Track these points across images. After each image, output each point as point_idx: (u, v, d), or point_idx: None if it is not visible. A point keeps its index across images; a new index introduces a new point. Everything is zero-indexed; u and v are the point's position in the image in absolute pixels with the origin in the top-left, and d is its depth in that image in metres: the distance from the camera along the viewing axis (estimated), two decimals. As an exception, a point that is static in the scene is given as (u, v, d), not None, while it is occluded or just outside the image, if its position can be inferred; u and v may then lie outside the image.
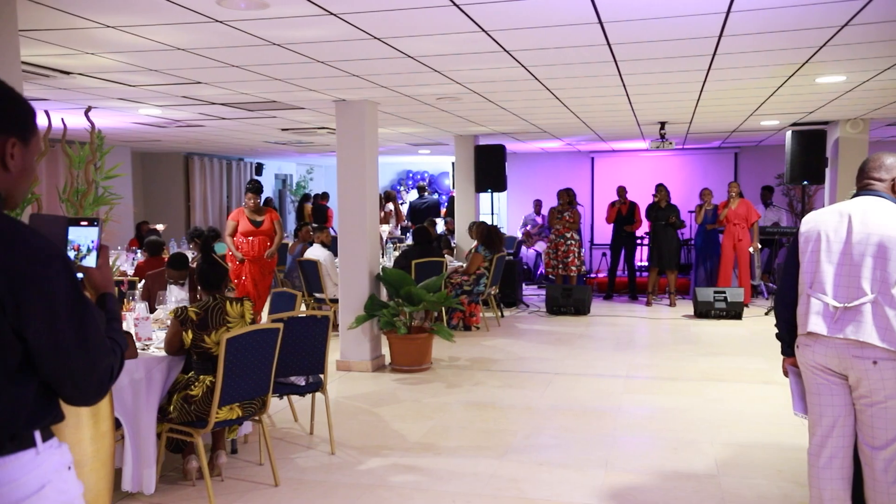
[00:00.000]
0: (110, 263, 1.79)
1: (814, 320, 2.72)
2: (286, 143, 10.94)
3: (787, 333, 2.94)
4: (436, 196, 15.52)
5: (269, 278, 7.95)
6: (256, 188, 7.85)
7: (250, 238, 7.68)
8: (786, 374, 3.06)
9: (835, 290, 2.68)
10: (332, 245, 8.33)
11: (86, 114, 3.79)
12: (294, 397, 5.06)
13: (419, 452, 4.43)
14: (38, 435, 1.49)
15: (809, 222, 2.83)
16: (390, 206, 12.20)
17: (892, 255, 2.57)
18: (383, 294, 6.91)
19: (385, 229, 10.92)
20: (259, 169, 14.61)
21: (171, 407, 3.62)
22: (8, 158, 1.50)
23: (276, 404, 5.20)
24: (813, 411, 2.86)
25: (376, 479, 4.01)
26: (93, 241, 1.75)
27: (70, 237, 1.72)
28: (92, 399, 1.55)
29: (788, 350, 2.98)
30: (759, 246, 9.94)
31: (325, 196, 13.47)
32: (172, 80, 5.33)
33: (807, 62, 5.05)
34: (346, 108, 6.55)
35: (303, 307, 6.70)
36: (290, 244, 9.51)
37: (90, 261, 1.75)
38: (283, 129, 8.97)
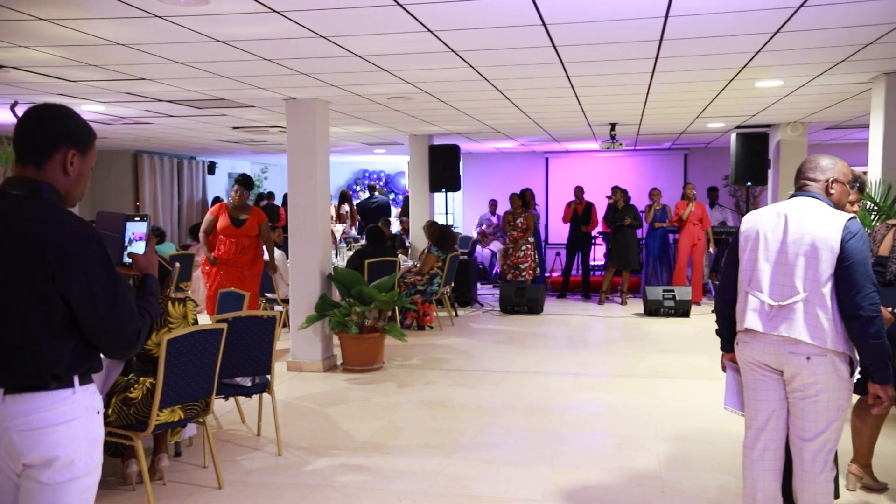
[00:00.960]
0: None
1: (750, 317, 2.79)
2: (239, 142, 10.78)
3: (727, 330, 3.01)
4: (390, 195, 15.50)
5: (254, 286, 6.77)
6: (246, 181, 6.85)
7: (229, 238, 6.72)
8: (724, 369, 3.13)
9: (771, 288, 2.75)
10: (283, 244, 8.25)
11: (12, 109, 3.67)
12: (242, 399, 5.00)
13: (367, 452, 4.42)
14: (76, 379, 1.90)
15: (749, 221, 2.90)
16: (346, 207, 12.13)
17: (822, 256, 2.64)
18: (336, 294, 6.88)
19: (339, 229, 10.86)
20: (212, 168, 14.36)
21: (110, 410, 3.54)
22: (68, 166, 1.94)
23: (223, 406, 5.13)
24: (749, 406, 2.93)
25: (323, 480, 3.99)
26: (142, 233, 2.20)
27: (128, 230, 2.17)
28: (122, 353, 1.97)
29: (727, 346, 3.06)
30: (704, 248, 10.20)
31: (270, 196, 13.37)
32: (113, 75, 5.21)
33: (745, 67, 5.21)
34: (296, 106, 6.50)
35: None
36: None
37: (139, 248, 2.19)
38: (234, 128, 8.84)
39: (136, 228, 2.19)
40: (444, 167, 10.08)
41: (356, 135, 10.03)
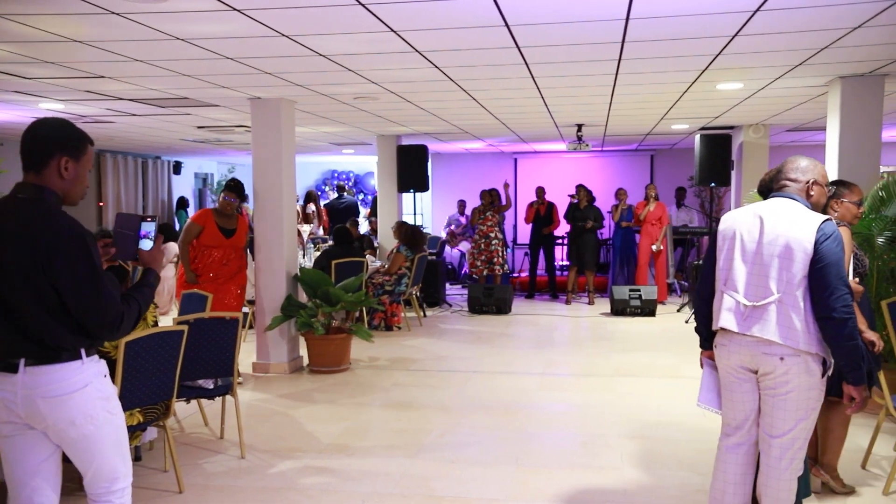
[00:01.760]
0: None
1: (725, 316, 2.82)
2: (204, 142, 10.65)
3: (705, 328, 3.05)
4: (359, 196, 15.44)
5: (237, 305, 6.10)
6: (237, 188, 6.08)
7: (215, 250, 5.96)
8: (702, 366, 3.18)
9: (746, 288, 2.77)
10: (249, 245, 8.15)
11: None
12: (205, 401, 4.94)
13: (331, 454, 4.39)
14: (83, 351, 2.26)
15: (727, 221, 2.92)
16: (311, 207, 12.04)
17: (796, 258, 2.65)
18: (302, 295, 6.82)
19: (306, 230, 10.78)
20: (177, 167, 14.15)
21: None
22: (63, 171, 2.23)
23: (186, 409, 5.05)
24: (726, 405, 2.97)
25: (285, 482, 3.95)
26: (150, 231, 2.48)
27: (142, 229, 2.47)
28: (106, 335, 2.29)
29: (705, 343, 3.09)
30: (665, 246, 10.33)
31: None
32: (72, 73, 5.10)
33: (706, 69, 5.29)
34: (261, 105, 6.43)
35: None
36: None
37: (146, 245, 2.48)
38: (198, 127, 8.72)
39: (147, 227, 2.50)
40: (412, 167, 10.07)
41: (323, 135, 9.97)
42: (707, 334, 3.05)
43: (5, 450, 2.33)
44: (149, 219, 2.51)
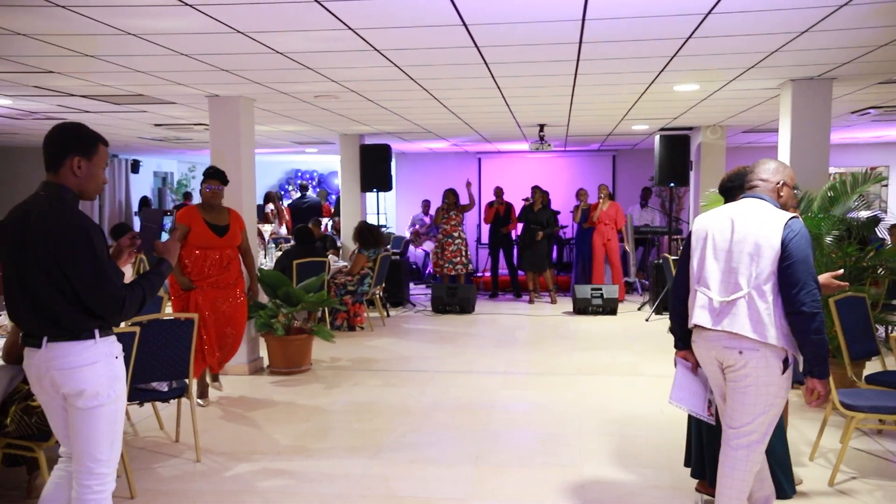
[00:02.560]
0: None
1: (698, 313, 2.90)
2: (163, 140, 10.44)
3: (679, 328, 3.11)
4: (332, 197, 15.32)
5: (244, 311, 5.56)
6: (218, 174, 5.26)
7: (209, 251, 5.21)
8: (675, 364, 3.24)
9: (718, 285, 2.85)
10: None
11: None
12: (160, 404, 4.85)
13: (290, 456, 4.35)
14: (97, 332, 2.52)
15: (700, 222, 3.00)
16: (270, 206, 11.91)
17: (764, 254, 2.74)
18: (263, 296, 6.73)
19: (267, 229, 10.66)
20: (135, 166, 13.85)
21: (9, 420, 3.36)
22: (76, 169, 2.51)
23: (140, 412, 4.95)
24: (720, 405, 3.04)
25: (242, 486, 3.90)
26: (167, 225, 2.73)
27: (165, 222, 2.61)
28: (110, 317, 2.53)
29: (680, 343, 3.15)
30: (630, 245, 10.48)
31: (188, 196, 13.05)
32: (18, 67, 4.95)
33: (663, 71, 5.37)
34: (219, 103, 6.34)
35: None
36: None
37: (163, 236, 2.77)
38: (156, 125, 8.55)
39: (167, 221, 2.87)
40: (375, 167, 10.02)
41: (285, 133, 9.87)
42: (681, 334, 3.11)
43: (46, 412, 2.66)
44: (168, 213, 2.96)
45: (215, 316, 5.28)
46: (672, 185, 9.32)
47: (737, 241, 2.82)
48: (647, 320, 8.81)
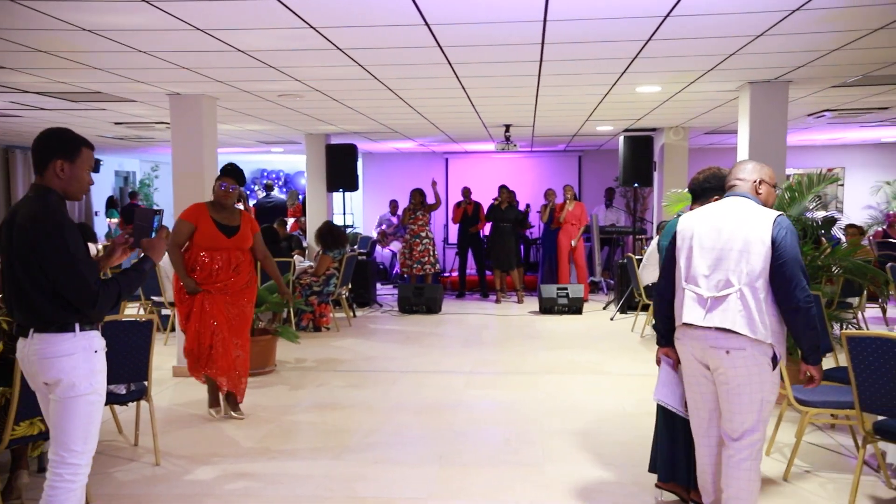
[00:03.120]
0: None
1: (688, 311, 2.94)
2: (124, 139, 10.26)
3: (663, 326, 3.15)
4: (291, 195, 15.19)
5: (250, 316, 5.07)
6: (235, 172, 4.85)
7: (216, 253, 4.77)
8: (658, 363, 3.28)
9: (706, 282, 2.89)
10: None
11: None
12: (119, 408, 4.75)
13: (252, 458, 4.30)
14: (77, 325, 2.66)
15: (685, 222, 3.05)
16: (240, 206, 11.76)
17: (755, 250, 2.79)
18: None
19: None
20: (96, 165, 13.56)
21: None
22: (59, 172, 2.63)
23: (98, 416, 4.84)
24: (692, 402, 3.10)
25: (202, 489, 3.84)
26: (156, 223, 2.70)
27: (155, 222, 2.69)
28: (87, 311, 2.66)
29: (663, 341, 3.19)
30: (590, 245, 10.59)
31: (133, 195, 12.82)
32: (-30, 64, 4.83)
33: (625, 72, 5.44)
34: (181, 102, 6.25)
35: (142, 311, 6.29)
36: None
37: (151, 234, 2.88)
38: (116, 123, 8.39)
39: (157, 220, 2.81)
40: (341, 167, 9.97)
41: (250, 133, 9.76)
42: (665, 331, 3.15)
43: (40, 403, 2.79)
44: (159, 213, 3.05)
45: (226, 324, 4.81)
46: (636, 185, 9.44)
47: (725, 238, 2.87)
48: (611, 319, 8.92)
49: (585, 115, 8.10)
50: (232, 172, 4.85)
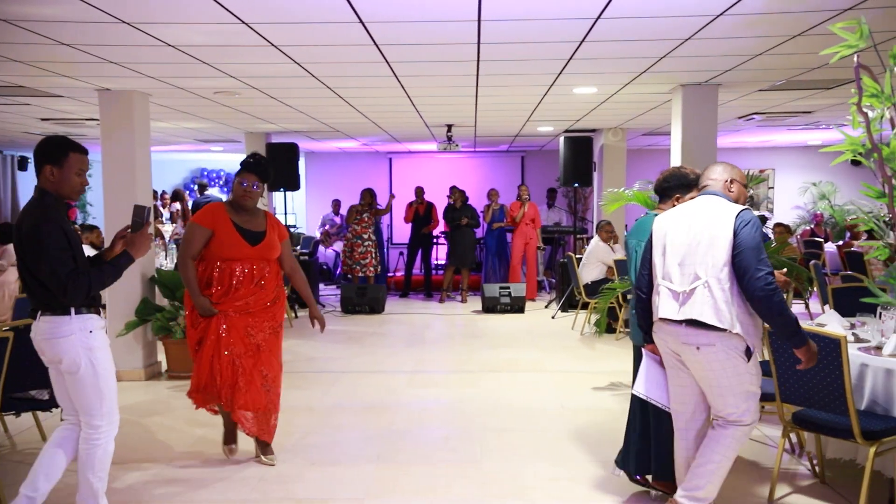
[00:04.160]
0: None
1: (663, 306, 3.02)
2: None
3: (645, 321, 3.21)
4: (225, 195, 14.89)
5: (278, 341, 4.15)
6: (258, 166, 3.95)
7: (238, 265, 3.89)
8: (643, 357, 3.34)
9: (679, 277, 2.98)
10: (102, 246, 7.64)
11: None
12: (44, 414, 4.57)
13: (185, 462, 4.20)
14: (72, 310, 2.97)
15: (660, 220, 3.14)
16: (177, 205, 11.48)
17: (718, 244, 2.89)
18: (161, 298, 6.47)
19: (168, 230, 10.25)
20: (23, 163, 13.02)
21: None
22: (49, 176, 2.94)
23: (18, 423, 4.66)
24: (673, 394, 3.17)
25: (131, 496, 3.73)
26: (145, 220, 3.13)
27: (147, 217, 3.13)
28: (59, 297, 2.91)
29: (647, 337, 3.25)
30: (542, 245, 10.76)
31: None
32: None
33: (561, 73, 5.52)
34: (110, 97, 6.05)
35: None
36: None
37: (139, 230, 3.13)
38: (42, 119, 8.07)
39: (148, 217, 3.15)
40: (282, 166, 9.78)
41: (187, 131, 9.53)
42: (648, 328, 3.21)
43: (50, 373, 3.14)
44: (148, 209, 3.14)
45: (248, 352, 3.93)
46: (576, 185, 9.60)
47: (693, 233, 2.97)
48: (553, 318, 9.04)
49: (526, 115, 8.19)
50: (254, 167, 3.91)
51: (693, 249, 2.97)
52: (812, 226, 12.51)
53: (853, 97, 2.39)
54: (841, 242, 10.53)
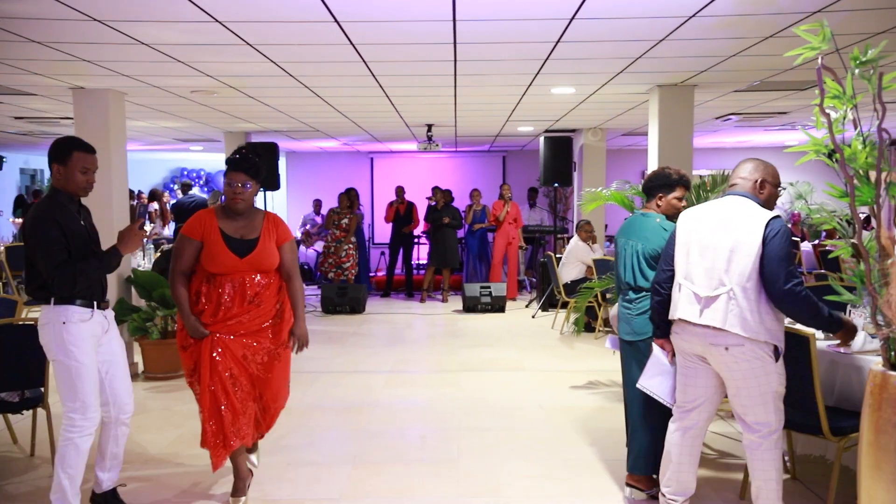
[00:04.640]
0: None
1: (682, 307, 2.99)
2: (28, 134, 9.74)
3: (659, 318, 3.19)
4: (214, 195, 14.79)
5: (284, 363, 3.71)
6: (250, 165, 3.35)
7: (225, 280, 3.36)
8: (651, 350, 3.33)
9: (701, 280, 2.94)
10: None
11: None
12: (16, 416, 4.51)
13: (158, 463, 4.16)
14: (52, 299, 3.12)
15: (685, 218, 3.09)
16: (155, 205, 11.37)
17: (746, 251, 2.83)
18: (138, 299, 6.41)
19: (147, 229, 10.15)
20: (-1, 163, 12.85)
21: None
22: (56, 174, 3.15)
23: (-8, 426, 4.59)
24: (681, 389, 3.15)
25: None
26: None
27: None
28: (55, 288, 3.10)
29: (658, 332, 3.24)
30: (524, 245, 10.80)
31: (37, 194, 12.27)
32: None
33: (539, 73, 5.54)
34: (85, 96, 5.99)
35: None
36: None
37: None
38: (16, 118, 7.96)
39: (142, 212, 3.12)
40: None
41: (165, 130, 9.45)
42: (660, 322, 3.20)
43: None
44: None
45: (247, 377, 3.47)
46: (556, 185, 9.63)
47: (720, 237, 2.91)
48: (533, 317, 9.07)
49: (505, 115, 8.21)
50: (241, 164, 3.33)
51: (719, 254, 2.91)
52: (790, 225, 12.65)
53: (817, 98, 2.43)
54: (816, 242, 10.66)
